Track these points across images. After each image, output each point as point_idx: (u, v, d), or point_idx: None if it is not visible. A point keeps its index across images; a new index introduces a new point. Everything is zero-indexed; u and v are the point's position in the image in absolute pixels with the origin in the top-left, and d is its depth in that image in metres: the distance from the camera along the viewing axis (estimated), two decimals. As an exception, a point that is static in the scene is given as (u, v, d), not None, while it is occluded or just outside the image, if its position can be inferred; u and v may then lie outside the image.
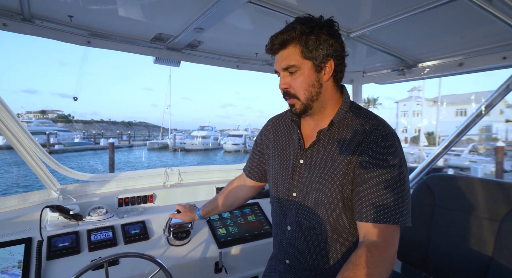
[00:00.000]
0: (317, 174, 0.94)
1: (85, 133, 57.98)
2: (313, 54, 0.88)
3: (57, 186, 1.59)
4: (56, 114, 77.48)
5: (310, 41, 0.87)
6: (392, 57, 1.90)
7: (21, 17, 1.33)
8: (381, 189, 0.83)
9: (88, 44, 1.58)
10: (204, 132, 39.04)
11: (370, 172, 0.85)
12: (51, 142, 33.92)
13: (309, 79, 0.90)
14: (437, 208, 1.39)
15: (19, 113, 49.53)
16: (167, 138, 40.28)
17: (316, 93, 0.92)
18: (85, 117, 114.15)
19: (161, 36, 1.66)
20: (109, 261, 0.94)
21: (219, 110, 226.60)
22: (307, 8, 1.28)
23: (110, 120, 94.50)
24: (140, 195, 1.76)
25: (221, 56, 2.00)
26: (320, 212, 0.94)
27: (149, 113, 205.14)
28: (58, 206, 1.38)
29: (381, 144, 0.86)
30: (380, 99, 67.70)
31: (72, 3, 1.26)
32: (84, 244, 1.33)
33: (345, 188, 0.90)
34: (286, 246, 1.04)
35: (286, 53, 0.90)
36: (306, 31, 0.87)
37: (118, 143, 41.45)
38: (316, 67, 0.89)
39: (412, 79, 2.03)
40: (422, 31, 1.49)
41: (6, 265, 1.14)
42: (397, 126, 38.99)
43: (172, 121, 47.41)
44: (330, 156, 0.93)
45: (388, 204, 0.82)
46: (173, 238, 1.45)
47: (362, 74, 2.34)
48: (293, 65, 0.89)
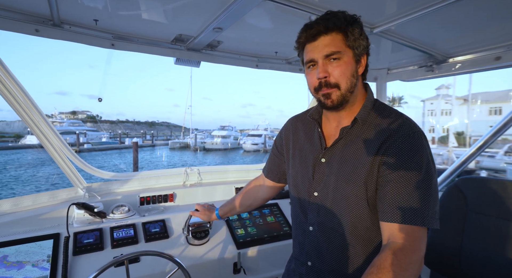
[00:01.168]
0: (340, 172, 0.91)
1: (111, 132, 60.61)
2: (356, 43, 0.87)
3: (83, 184, 1.65)
4: (85, 114, 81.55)
5: (355, 30, 0.86)
6: (420, 53, 1.81)
7: (52, 22, 1.39)
8: (406, 188, 0.79)
9: (112, 46, 1.63)
10: (224, 131, 39.49)
11: (395, 170, 0.81)
12: (81, 141, 35.68)
13: (351, 68, 0.88)
14: (470, 212, 1.29)
15: (52, 113, 52.59)
16: (189, 137, 41.14)
17: (354, 85, 0.89)
18: (111, 117, 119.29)
19: (181, 37, 1.68)
20: (129, 258, 0.96)
21: (240, 110, 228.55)
22: (327, 4, 1.23)
23: (134, 120, 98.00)
24: (161, 194, 1.80)
25: (240, 55, 1.99)
26: (343, 212, 0.91)
27: (171, 113, 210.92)
28: (84, 203, 1.43)
29: (408, 142, 0.83)
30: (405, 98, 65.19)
31: (97, 8, 1.30)
32: (107, 241, 1.37)
33: (369, 188, 0.86)
34: (308, 247, 1.01)
35: (329, 39, 0.87)
36: (350, 21, 0.87)
37: (142, 143, 42.93)
38: (356, 57, 0.88)
39: (442, 75, 1.91)
40: (454, 23, 1.40)
41: (36, 258, 1.20)
42: (424, 126, 37.39)
43: (193, 121, 48.38)
44: (354, 154, 0.90)
45: (414, 204, 0.78)
46: (192, 237, 1.46)
47: (386, 71, 2.24)
48: (337, 51, 0.86)
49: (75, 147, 33.76)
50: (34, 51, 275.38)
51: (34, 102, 1.48)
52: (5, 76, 1.38)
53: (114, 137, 51.72)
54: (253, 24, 1.50)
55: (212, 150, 35.39)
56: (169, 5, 1.27)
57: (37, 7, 1.26)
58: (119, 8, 1.30)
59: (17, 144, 39.15)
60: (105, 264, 0.89)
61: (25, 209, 1.48)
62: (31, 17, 1.33)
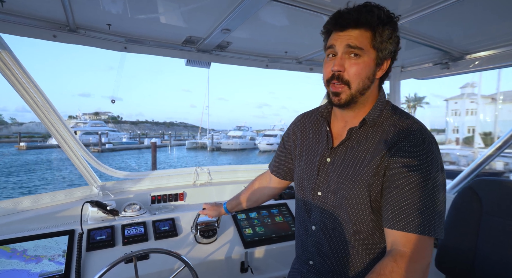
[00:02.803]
0: (344, 174, 0.90)
1: (131, 133, 62.45)
2: (382, 46, 0.82)
3: (98, 183, 1.72)
4: (107, 115, 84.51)
5: (385, 32, 0.81)
6: (435, 50, 1.74)
7: (68, 28, 1.46)
8: (413, 196, 0.76)
9: (125, 49, 1.68)
10: (240, 132, 39.70)
11: (402, 176, 0.79)
12: (103, 141, 37.01)
13: (368, 70, 0.83)
14: (485, 215, 1.24)
15: (77, 114, 54.90)
16: (205, 137, 41.69)
17: (367, 87, 0.86)
18: (131, 118, 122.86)
19: (191, 38, 1.71)
20: (138, 255, 1.00)
21: (255, 110, 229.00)
22: (335, 2, 1.22)
23: (153, 121, 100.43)
24: (171, 193, 1.84)
25: (250, 56, 2.01)
26: (345, 214, 0.90)
27: (188, 114, 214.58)
28: (97, 201, 1.49)
29: (417, 148, 0.80)
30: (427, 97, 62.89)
31: (110, 13, 1.34)
32: (118, 238, 1.42)
33: (373, 192, 0.85)
34: (310, 246, 1.01)
35: (356, 34, 0.82)
36: (384, 20, 0.81)
37: (160, 143, 43.96)
38: (378, 60, 0.84)
39: (458, 72, 1.84)
40: (472, 18, 1.34)
41: (53, 253, 1.26)
42: (447, 126, 35.93)
43: (210, 121, 49.21)
44: (360, 156, 0.88)
45: (420, 213, 0.75)
46: (200, 236, 1.49)
47: (400, 69, 2.18)
48: (360, 48, 0.81)
49: (98, 147, 35.13)
50: (57, 55, 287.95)
51: (52, 105, 1.56)
52: (26, 80, 1.46)
53: (134, 137, 53.30)
54: (262, 24, 1.51)
55: (228, 150, 35.68)
56: (178, 8, 1.30)
57: (54, 14, 1.33)
58: (130, 13, 1.35)
59: (44, 143, 41.17)
60: (115, 261, 0.92)
61: (44, 206, 1.56)
62: (48, 24, 1.40)
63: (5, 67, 1.39)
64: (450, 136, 33.01)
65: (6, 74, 1.40)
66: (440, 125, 45.55)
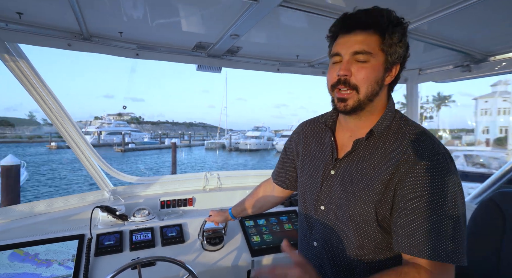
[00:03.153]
0: (349, 189, 0.84)
1: (152, 133, 64.28)
2: (391, 49, 0.78)
3: (109, 187, 1.76)
4: (129, 116, 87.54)
5: (394, 34, 0.77)
6: (455, 52, 1.64)
7: (82, 37, 1.50)
8: (428, 218, 0.70)
9: (137, 56, 1.71)
10: (257, 132, 39.77)
11: (416, 197, 0.72)
12: (126, 141, 38.33)
13: (377, 74, 0.79)
14: (508, 231, 1.14)
15: (102, 115, 57.19)
16: (224, 138, 42.11)
17: (376, 93, 0.80)
18: (152, 118, 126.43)
19: (201, 44, 1.71)
20: (141, 263, 1.00)
21: (273, 110, 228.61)
22: (346, 4, 1.17)
23: (173, 121, 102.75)
24: (180, 198, 1.85)
25: (261, 60, 1.99)
26: (349, 231, 0.85)
27: (207, 114, 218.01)
28: (107, 206, 1.52)
29: (431, 165, 0.73)
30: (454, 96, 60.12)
31: (121, 21, 1.37)
32: (126, 244, 1.44)
33: (380, 210, 0.79)
34: (311, 263, 0.97)
35: (363, 36, 0.78)
36: (393, 22, 0.77)
37: (180, 143, 44.91)
38: (387, 64, 0.79)
39: (481, 75, 1.72)
40: (496, 17, 1.24)
41: (63, 258, 1.30)
42: (476, 126, 34.17)
43: (228, 121, 49.74)
44: (366, 171, 0.82)
45: (441, 238, 0.69)
46: (206, 243, 1.48)
47: (418, 72, 2.08)
48: (368, 51, 0.77)
49: (121, 147, 36.42)
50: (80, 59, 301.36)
51: (66, 111, 1.61)
52: (41, 87, 1.52)
53: (155, 137, 54.80)
54: (272, 28, 1.49)
55: (246, 150, 35.83)
56: (187, 14, 1.31)
57: (68, 23, 1.37)
58: (140, 20, 1.36)
59: (71, 143, 42.89)
60: (119, 268, 0.93)
61: (57, 210, 1.62)
62: (63, 33, 1.45)
63: (22, 75, 1.45)
64: (480, 137, 31.42)
65: (23, 81, 1.46)
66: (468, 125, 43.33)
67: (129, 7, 1.21)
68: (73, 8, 1.19)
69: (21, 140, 52.40)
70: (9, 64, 1.42)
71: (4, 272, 1.19)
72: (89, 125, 51.42)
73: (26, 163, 14.89)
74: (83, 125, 63.54)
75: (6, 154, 8.85)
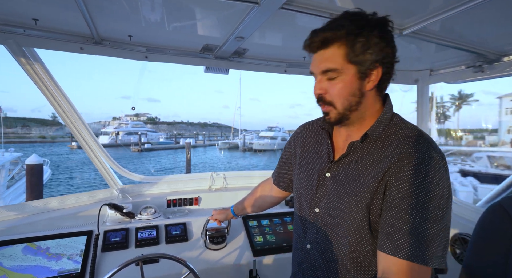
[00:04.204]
0: (343, 191, 0.84)
1: (167, 133, 65.52)
2: (359, 58, 0.76)
3: (118, 186, 1.82)
4: (146, 116, 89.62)
5: (358, 44, 0.74)
6: (466, 52, 1.59)
7: (93, 40, 1.56)
8: (411, 219, 0.70)
9: (146, 58, 1.76)
10: (271, 132, 39.70)
11: (401, 197, 0.72)
12: (142, 141, 39.25)
13: (351, 87, 0.78)
14: None
15: (120, 116, 58.81)
16: (237, 138, 42.33)
17: (356, 103, 0.80)
18: (168, 118, 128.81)
19: (208, 46, 1.74)
20: (144, 260, 1.03)
21: (288, 111, 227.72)
22: (347, 5, 1.17)
23: (188, 122, 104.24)
24: (186, 198, 1.89)
25: (268, 61, 2.00)
26: (342, 234, 0.85)
27: (221, 115, 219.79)
28: (114, 204, 1.58)
29: (422, 168, 0.73)
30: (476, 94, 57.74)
31: (130, 24, 1.41)
32: (132, 240, 1.49)
33: (373, 212, 0.79)
34: (305, 265, 0.97)
35: (328, 53, 0.78)
36: (354, 31, 0.74)
37: (195, 143, 45.57)
38: (361, 74, 0.77)
39: (494, 76, 1.66)
40: (510, 16, 1.20)
41: (71, 252, 1.36)
42: (500, 126, 32.67)
43: (242, 121, 50.17)
44: (360, 173, 0.82)
45: (418, 238, 0.68)
46: (209, 242, 1.51)
47: (429, 72, 2.03)
48: (333, 69, 0.78)
49: (138, 146, 37.33)
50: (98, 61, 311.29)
51: (78, 112, 1.68)
52: (55, 89, 1.59)
53: (170, 137, 55.83)
54: (277, 30, 1.49)
55: (260, 150, 35.85)
56: (194, 18, 1.33)
57: (80, 28, 1.42)
58: (148, 24, 1.40)
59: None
60: (122, 263, 0.96)
61: (69, 206, 1.69)
62: (75, 37, 1.51)
63: (37, 78, 1.53)
64: (504, 137, 30.06)
65: (38, 84, 1.53)
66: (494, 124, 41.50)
67: (136, 11, 1.26)
68: (83, 13, 1.24)
69: (45, 140, 54.75)
70: (25, 67, 1.50)
71: (18, 264, 1.26)
72: (108, 126, 53.01)
73: (49, 161, 15.58)
74: (102, 125, 65.56)
75: (31, 153, 9.31)
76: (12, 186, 11.10)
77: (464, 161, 15.86)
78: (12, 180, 11.38)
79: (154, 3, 1.18)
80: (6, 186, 10.64)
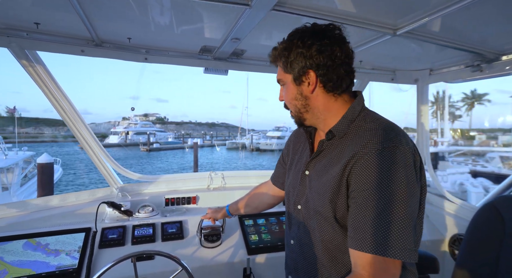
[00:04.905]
0: (314, 188, 0.90)
1: (176, 133, 66.11)
2: (290, 67, 0.88)
3: (118, 185, 1.86)
4: (155, 117, 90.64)
5: (285, 58, 0.88)
6: (465, 51, 1.57)
7: (94, 43, 1.60)
8: (371, 211, 0.71)
9: (146, 60, 1.79)
10: (278, 132, 39.63)
11: (360, 190, 0.74)
12: (151, 141, 39.71)
13: (291, 93, 0.91)
14: (507, 237, 1.09)
15: (129, 116, 59.66)
16: (245, 138, 42.39)
17: (302, 106, 0.90)
18: (176, 118, 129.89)
19: (206, 47, 1.76)
20: (137, 256, 1.06)
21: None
22: (340, 7, 1.18)
23: (196, 121, 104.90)
24: (184, 197, 1.92)
25: (266, 62, 2.01)
26: (314, 229, 0.89)
27: (228, 115, 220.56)
28: (112, 202, 1.62)
29: (375, 159, 0.74)
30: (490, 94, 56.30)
31: (129, 27, 1.45)
32: (128, 238, 1.52)
33: (338, 208, 0.81)
34: (289, 261, 1.03)
35: (278, 67, 0.95)
36: (284, 48, 0.88)
37: (202, 143, 45.86)
38: (296, 80, 0.88)
39: (493, 75, 1.64)
40: (509, 14, 1.18)
41: (70, 248, 1.41)
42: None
43: (249, 121, 50.23)
44: (326, 169, 0.87)
45: (379, 230, 0.69)
46: (204, 240, 1.53)
47: (428, 72, 2.01)
48: (280, 79, 0.94)
49: (146, 146, 37.79)
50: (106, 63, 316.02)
51: (79, 113, 1.73)
52: (56, 91, 1.64)
53: (178, 137, 56.30)
54: (273, 31, 1.51)
55: (267, 150, 35.86)
56: (191, 19, 1.35)
57: (81, 31, 1.46)
58: (146, 26, 1.43)
59: (102, 142, 45.18)
60: (117, 259, 1.00)
61: (69, 204, 1.74)
62: (76, 40, 1.56)
63: (39, 79, 1.58)
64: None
65: (40, 85, 1.58)
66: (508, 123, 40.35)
67: (134, 14, 1.28)
68: (80, 16, 1.27)
69: (57, 140, 55.97)
70: (28, 69, 1.55)
71: (18, 259, 1.31)
72: (117, 126, 53.81)
73: (60, 160, 15.94)
74: (112, 125, 66.51)
75: (43, 153, 9.57)
76: (25, 184, 11.45)
77: (475, 161, 15.53)
78: (25, 178, 11.73)
79: (150, 6, 1.21)
80: (20, 184, 10.99)
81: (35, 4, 1.22)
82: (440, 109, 25.40)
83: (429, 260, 1.35)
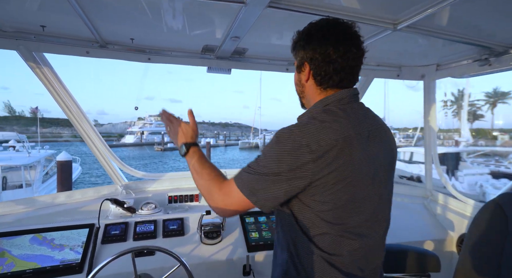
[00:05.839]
0: None
1: (189, 133, 66.71)
2: (295, 58, 1.01)
3: (122, 182, 1.91)
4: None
5: (293, 47, 1.01)
6: (472, 45, 1.52)
7: (98, 44, 1.64)
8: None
9: (149, 60, 1.82)
10: (291, 132, 39.42)
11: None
12: (165, 141, 40.40)
13: (296, 78, 1.04)
14: (511, 235, 1.05)
15: (144, 116, 60.94)
16: (258, 138, 42.45)
17: (300, 91, 1.03)
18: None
19: (208, 47, 1.77)
20: (135, 251, 1.09)
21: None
22: (337, 2, 1.16)
23: (209, 121, 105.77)
24: (187, 194, 1.94)
25: (269, 60, 2.00)
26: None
27: (241, 115, 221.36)
28: (116, 199, 1.66)
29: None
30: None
31: (130, 28, 1.48)
32: (130, 234, 1.55)
33: None
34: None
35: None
36: (297, 38, 0.99)
37: (216, 142, 46.22)
38: (297, 68, 1.01)
39: (502, 69, 1.56)
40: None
41: (74, 243, 1.46)
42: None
43: (262, 121, 50.24)
44: None
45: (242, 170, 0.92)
46: (204, 237, 1.54)
47: (435, 67, 1.94)
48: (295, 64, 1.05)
49: (161, 146, 38.47)
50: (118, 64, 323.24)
51: (84, 113, 1.78)
52: (63, 91, 1.70)
53: (192, 137, 56.73)
54: (274, 29, 1.50)
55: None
56: (190, 19, 1.37)
57: (85, 33, 1.51)
58: (148, 27, 1.46)
59: (118, 142, 46.54)
60: (117, 253, 1.04)
61: (75, 201, 1.80)
62: (81, 42, 1.60)
63: (46, 80, 1.64)
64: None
65: (47, 86, 1.64)
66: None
67: (135, 15, 1.31)
68: (82, 19, 1.31)
69: (76, 139, 57.87)
70: (35, 71, 1.61)
71: (24, 252, 1.36)
72: (133, 126, 55.06)
73: (79, 159, 16.49)
74: (128, 125, 68.05)
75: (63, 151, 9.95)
76: (46, 181, 11.94)
77: (498, 162, 14.93)
78: (46, 175, 12.23)
79: (151, 7, 1.23)
80: (42, 181, 11.46)
81: (41, 7, 1.27)
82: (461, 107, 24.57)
83: (430, 258, 1.32)
